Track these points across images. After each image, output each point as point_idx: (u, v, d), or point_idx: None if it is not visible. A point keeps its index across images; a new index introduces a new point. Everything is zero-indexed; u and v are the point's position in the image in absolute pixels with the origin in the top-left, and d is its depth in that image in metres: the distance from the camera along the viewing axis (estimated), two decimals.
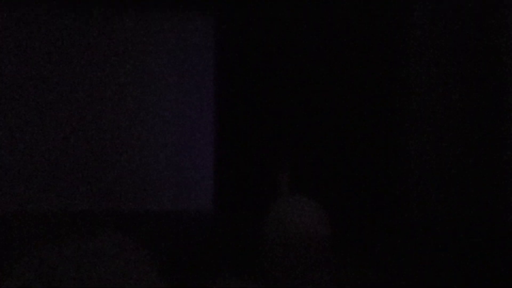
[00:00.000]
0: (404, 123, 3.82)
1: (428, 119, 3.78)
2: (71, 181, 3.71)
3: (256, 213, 3.67)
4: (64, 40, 3.72)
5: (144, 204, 3.79)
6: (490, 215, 3.74)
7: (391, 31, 3.84)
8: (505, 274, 3.49)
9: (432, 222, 3.70)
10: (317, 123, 3.79)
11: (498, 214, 3.74)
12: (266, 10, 3.75)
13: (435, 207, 3.75)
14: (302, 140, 3.77)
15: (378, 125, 3.83)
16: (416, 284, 3.43)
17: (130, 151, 3.79)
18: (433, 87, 3.78)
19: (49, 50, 3.71)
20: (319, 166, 3.77)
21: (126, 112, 3.81)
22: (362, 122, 3.82)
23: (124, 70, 3.80)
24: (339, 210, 3.67)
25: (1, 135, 3.63)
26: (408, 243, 3.64)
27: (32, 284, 0.86)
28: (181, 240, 3.63)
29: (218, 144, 3.82)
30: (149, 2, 3.82)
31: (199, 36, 3.90)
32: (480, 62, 3.81)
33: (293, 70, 3.77)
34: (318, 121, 3.79)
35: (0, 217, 3.48)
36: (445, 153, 3.78)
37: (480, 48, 3.82)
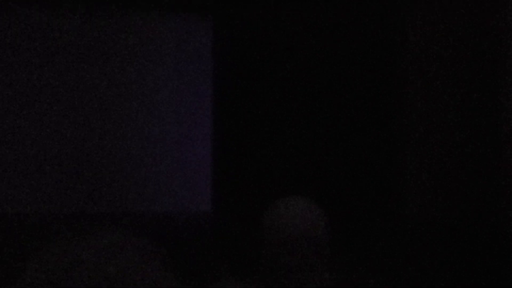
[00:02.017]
0: (401, 126, 3.83)
1: (424, 120, 3.79)
2: (68, 183, 3.71)
3: (254, 214, 3.68)
4: (61, 40, 3.73)
5: (143, 206, 3.80)
6: (487, 216, 3.75)
7: (388, 32, 3.85)
8: (502, 273, 3.50)
9: (429, 222, 3.71)
10: (314, 124, 3.79)
11: (495, 214, 3.75)
12: (265, 11, 3.75)
13: (432, 207, 3.76)
14: (299, 141, 3.78)
15: (377, 127, 3.83)
16: (415, 284, 3.44)
17: (128, 153, 3.79)
18: (430, 88, 3.79)
19: (46, 51, 3.71)
20: (317, 166, 3.78)
21: (125, 115, 3.81)
22: (359, 124, 3.83)
23: (122, 72, 3.81)
24: (337, 211, 3.68)
25: (1, 137, 3.63)
26: (406, 243, 3.65)
27: (44, 286, 0.87)
28: (180, 241, 3.64)
29: (216, 146, 3.83)
30: (148, 3, 3.83)
31: (198, 37, 3.91)
32: (477, 61, 3.82)
33: (291, 71, 3.78)
34: (316, 122, 3.80)
35: (5, 218, 3.49)
36: (442, 154, 3.79)
37: (477, 47, 3.83)
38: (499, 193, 3.76)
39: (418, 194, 3.76)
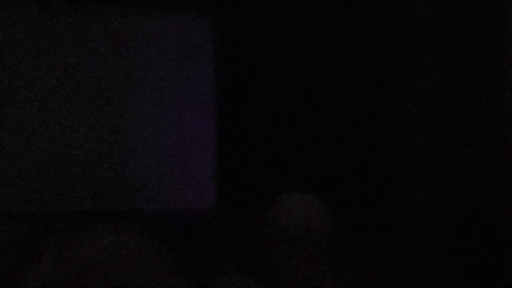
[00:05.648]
0: (404, 123, 3.83)
1: (427, 117, 3.78)
2: (70, 181, 3.72)
3: (257, 211, 3.68)
4: (62, 39, 3.73)
5: (147, 203, 3.80)
6: (489, 214, 3.74)
7: (388, 31, 3.85)
8: (503, 271, 3.50)
9: (432, 220, 3.71)
10: (317, 121, 3.79)
11: (497, 211, 3.75)
12: (266, 9, 3.75)
13: (434, 204, 3.76)
14: (303, 138, 3.78)
15: (380, 125, 3.83)
16: (416, 283, 3.44)
17: (132, 151, 3.80)
18: (433, 86, 3.79)
19: (46, 50, 3.71)
20: (321, 163, 3.78)
21: (127, 112, 3.82)
22: (362, 121, 3.82)
23: (124, 70, 3.81)
24: (342, 207, 3.67)
25: (1, 135, 3.64)
26: (408, 241, 3.65)
27: (52, 285, 0.87)
28: (183, 238, 3.64)
29: (219, 143, 3.83)
30: (149, 1, 3.83)
31: (199, 35, 3.91)
32: (478, 60, 3.82)
33: (292, 70, 3.78)
34: (319, 119, 3.80)
35: (9, 217, 3.49)
36: (444, 152, 3.79)
37: (477, 45, 3.82)
38: (501, 191, 3.76)
39: (420, 192, 3.76)
